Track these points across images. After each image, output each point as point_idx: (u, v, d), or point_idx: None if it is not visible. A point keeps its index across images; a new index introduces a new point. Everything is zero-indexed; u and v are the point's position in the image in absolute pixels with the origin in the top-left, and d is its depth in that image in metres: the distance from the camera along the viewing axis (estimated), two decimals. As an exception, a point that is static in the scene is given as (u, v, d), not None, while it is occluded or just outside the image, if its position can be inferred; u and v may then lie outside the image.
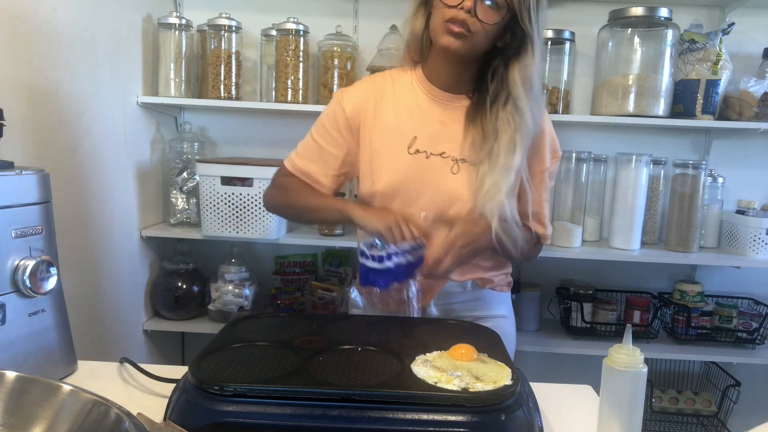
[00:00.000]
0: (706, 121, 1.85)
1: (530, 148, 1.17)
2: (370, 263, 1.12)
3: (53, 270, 0.90)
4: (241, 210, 1.82)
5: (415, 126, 1.19)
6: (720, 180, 2.04)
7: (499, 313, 1.31)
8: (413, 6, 1.20)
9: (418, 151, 1.19)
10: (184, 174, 1.97)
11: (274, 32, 1.92)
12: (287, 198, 1.28)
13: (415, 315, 1.15)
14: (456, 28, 1.08)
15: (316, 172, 1.24)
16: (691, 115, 1.87)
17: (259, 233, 1.84)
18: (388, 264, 1.10)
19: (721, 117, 1.91)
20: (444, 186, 1.18)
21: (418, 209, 1.18)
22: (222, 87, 1.91)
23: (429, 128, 1.19)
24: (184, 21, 1.88)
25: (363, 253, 1.14)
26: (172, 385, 0.81)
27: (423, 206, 1.19)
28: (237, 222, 1.83)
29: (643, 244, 1.99)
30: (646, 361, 0.76)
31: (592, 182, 2.04)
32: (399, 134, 1.19)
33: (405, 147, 1.19)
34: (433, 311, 1.22)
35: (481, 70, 1.18)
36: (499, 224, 1.11)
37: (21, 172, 0.88)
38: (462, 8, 1.07)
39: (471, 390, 0.73)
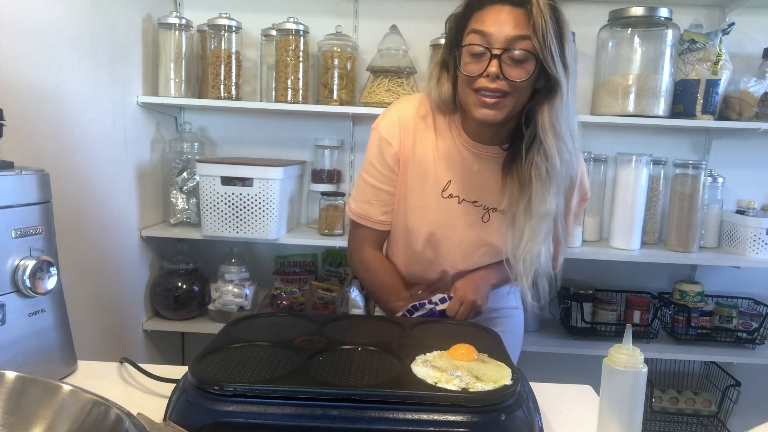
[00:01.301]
0: (706, 121, 1.85)
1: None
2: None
3: (53, 270, 0.90)
4: (241, 210, 1.82)
5: (450, 172, 1.18)
6: (720, 180, 2.04)
7: (512, 304, 1.38)
8: (434, 72, 1.13)
9: (451, 196, 1.18)
10: (184, 174, 1.97)
11: (274, 32, 1.92)
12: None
13: None
14: (489, 99, 1.01)
15: (373, 213, 1.24)
16: (691, 115, 1.86)
17: (259, 233, 1.83)
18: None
19: (721, 117, 1.91)
20: (472, 231, 1.20)
21: (444, 250, 1.22)
22: (222, 87, 1.91)
23: (464, 176, 1.17)
24: (184, 21, 1.88)
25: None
26: (172, 385, 0.81)
27: (449, 248, 1.21)
28: (237, 222, 1.83)
29: (643, 244, 1.99)
30: (646, 361, 0.76)
31: (592, 182, 2.02)
32: (434, 177, 1.18)
33: (439, 190, 1.18)
34: None
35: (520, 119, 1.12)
36: (533, 277, 1.11)
37: (21, 172, 0.88)
38: (488, 75, 1.00)
39: (471, 390, 0.73)
